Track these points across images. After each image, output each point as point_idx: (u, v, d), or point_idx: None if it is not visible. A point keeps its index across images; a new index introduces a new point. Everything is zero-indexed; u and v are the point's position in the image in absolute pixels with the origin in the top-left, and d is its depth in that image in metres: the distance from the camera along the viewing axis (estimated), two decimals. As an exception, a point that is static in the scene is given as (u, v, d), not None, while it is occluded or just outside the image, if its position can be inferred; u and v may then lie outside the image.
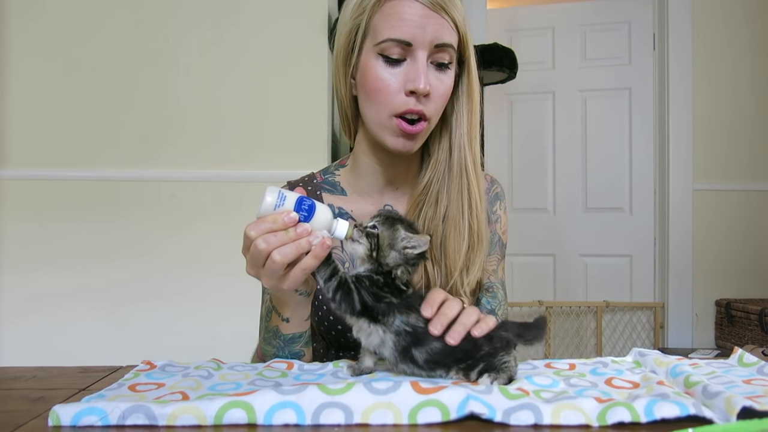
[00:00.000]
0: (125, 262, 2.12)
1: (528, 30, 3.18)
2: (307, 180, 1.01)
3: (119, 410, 0.53)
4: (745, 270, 2.78)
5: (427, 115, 0.85)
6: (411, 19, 0.81)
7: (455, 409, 0.54)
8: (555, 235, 3.15)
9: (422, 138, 0.89)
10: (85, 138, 2.12)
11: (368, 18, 0.85)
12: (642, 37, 3.01)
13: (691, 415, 0.52)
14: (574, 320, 2.99)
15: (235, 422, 0.53)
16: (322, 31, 2.16)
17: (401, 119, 0.84)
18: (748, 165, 2.78)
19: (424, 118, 0.85)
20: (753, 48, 2.77)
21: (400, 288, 0.69)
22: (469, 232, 0.91)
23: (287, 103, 2.15)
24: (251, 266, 0.71)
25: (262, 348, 0.86)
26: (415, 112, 0.84)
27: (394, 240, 0.68)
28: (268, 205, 0.68)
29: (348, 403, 0.54)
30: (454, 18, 0.83)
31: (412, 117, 0.84)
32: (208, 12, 2.15)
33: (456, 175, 0.91)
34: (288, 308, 0.80)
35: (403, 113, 0.84)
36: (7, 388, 0.70)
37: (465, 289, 0.90)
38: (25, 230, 2.10)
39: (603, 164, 3.10)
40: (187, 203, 2.14)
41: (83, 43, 2.13)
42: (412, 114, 0.84)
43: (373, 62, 0.84)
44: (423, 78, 0.82)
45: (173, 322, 2.10)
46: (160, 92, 2.14)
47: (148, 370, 0.73)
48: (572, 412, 0.54)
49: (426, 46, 0.82)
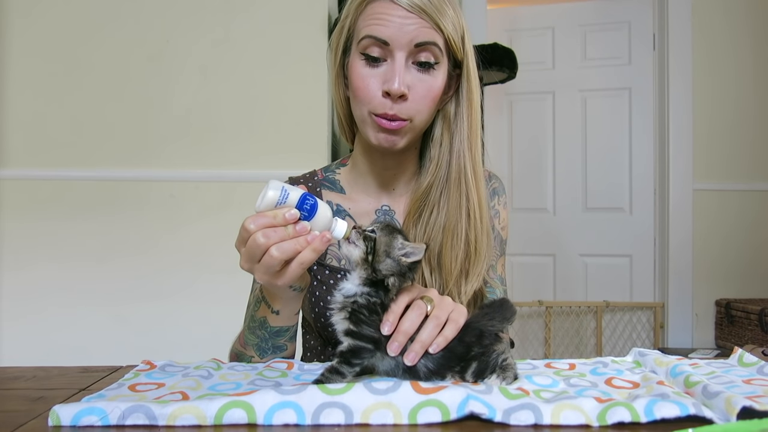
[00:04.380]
0: (125, 262, 2.12)
1: (528, 30, 3.18)
2: (309, 176, 1.01)
3: (119, 410, 0.53)
4: (745, 270, 2.78)
5: (404, 118, 0.85)
6: (390, 19, 0.82)
7: (455, 409, 0.54)
8: (555, 235, 3.15)
9: (407, 135, 0.88)
10: (85, 138, 2.12)
11: (353, 20, 0.87)
12: (642, 37, 3.01)
13: (691, 415, 0.52)
14: (574, 320, 2.99)
15: (235, 422, 0.53)
16: (322, 31, 2.16)
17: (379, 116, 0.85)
18: (748, 165, 2.78)
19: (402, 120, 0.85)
20: (753, 48, 2.77)
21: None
22: (466, 242, 0.90)
23: (287, 103, 2.15)
24: (246, 260, 0.70)
25: (245, 336, 0.85)
26: (390, 116, 0.84)
27: (390, 247, 0.67)
28: (270, 199, 0.67)
29: (348, 403, 0.54)
30: (436, 21, 0.83)
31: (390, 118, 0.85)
32: (208, 13, 2.15)
33: (454, 183, 0.91)
34: (279, 301, 0.80)
35: (379, 115, 0.85)
36: (7, 388, 0.70)
37: (461, 299, 0.89)
38: (25, 230, 2.10)
39: (603, 164, 3.10)
40: (187, 203, 2.14)
41: (83, 44, 2.13)
42: (388, 117, 0.85)
43: (357, 62, 0.86)
44: (398, 79, 0.82)
45: (173, 321, 2.10)
46: (160, 92, 2.14)
47: (148, 370, 0.73)
48: (572, 412, 0.54)
49: (404, 46, 0.83)
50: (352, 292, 0.67)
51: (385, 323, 0.66)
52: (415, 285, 0.71)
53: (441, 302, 0.69)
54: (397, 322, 0.66)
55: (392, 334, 0.65)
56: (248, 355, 0.85)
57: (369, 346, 0.65)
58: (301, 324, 1.00)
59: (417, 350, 0.65)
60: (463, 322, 0.68)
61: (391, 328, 0.65)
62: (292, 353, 0.86)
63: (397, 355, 0.65)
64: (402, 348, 0.65)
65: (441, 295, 0.71)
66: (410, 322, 0.66)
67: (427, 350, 0.65)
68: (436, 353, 0.65)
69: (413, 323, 0.66)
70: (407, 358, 0.65)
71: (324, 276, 0.93)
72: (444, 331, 0.66)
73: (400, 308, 0.67)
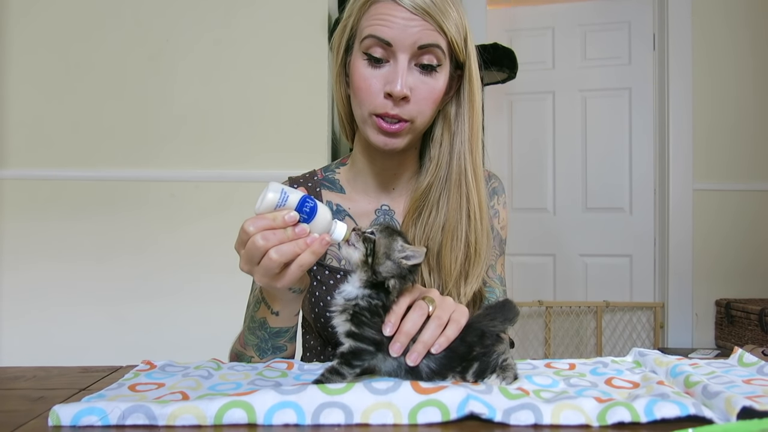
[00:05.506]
0: (125, 262, 2.12)
1: (528, 30, 3.18)
2: (308, 176, 1.01)
3: (119, 410, 0.53)
4: (745, 270, 2.78)
5: (406, 118, 0.85)
6: (393, 20, 0.82)
7: (455, 409, 0.54)
8: (555, 235, 3.15)
9: (408, 136, 0.88)
10: (85, 138, 2.12)
11: (356, 20, 0.87)
12: (642, 37, 3.01)
13: (691, 415, 0.52)
14: (574, 320, 2.99)
15: (235, 422, 0.53)
16: (322, 31, 2.16)
17: (379, 117, 0.85)
18: (748, 165, 2.78)
19: (404, 120, 0.85)
20: (753, 47, 2.77)
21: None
22: (466, 243, 0.90)
23: (287, 103, 2.15)
24: (245, 262, 0.70)
25: (245, 336, 0.86)
26: (392, 116, 0.85)
27: (390, 249, 0.67)
28: (269, 202, 0.67)
29: (348, 403, 0.54)
30: (440, 23, 0.83)
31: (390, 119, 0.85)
32: (208, 12, 2.15)
33: (455, 184, 0.91)
34: (279, 303, 0.80)
35: (381, 115, 0.85)
36: (7, 388, 0.69)
37: (461, 300, 0.89)
38: (25, 230, 2.10)
39: (603, 164, 3.10)
40: (187, 203, 2.14)
41: (83, 43, 2.13)
42: (389, 117, 0.85)
43: (359, 62, 0.86)
44: (400, 81, 0.82)
45: (173, 321, 2.10)
46: (160, 92, 2.14)
47: (148, 370, 0.73)
48: (572, 412, 0.54)
49: (407, 48, 0.83)
50: (353, 295, 0.67)
51: (387, 324, 0.66)
52: (417, 286, 0.71)
53: (442, 303, 0.69)
54: (398, 323, 0.66)
55: (394, 335, 0.65)
56: (248, 356, 0.85)
57: (370, 348, 0.65)
58: (301, 324, 1.00)
59: (419, 351, 0.65)
60: (465, 323, 0.68)
61: (392, 329, 0.65)
62: (292, 353, 0.86)
63: (399, 356, 0.65)
64: (404, 349, 0.65)
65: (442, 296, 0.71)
66: (412, 322, 0.66)
67: (429, 350, 0.65)
68: (438, 353, 0.65)
69: (415, 324, 0.66)
70: (410, 358, 0.65)
71: (324, 276, 0.93)
72: (446, 332, 0.66)
73: (401, 309, 0.67)
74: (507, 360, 0.67)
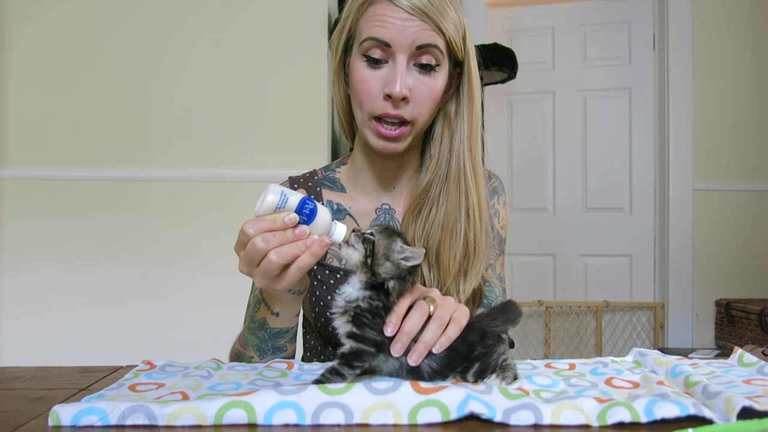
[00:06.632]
0: (125, 262, 2.12)
1: (528, 30, 3.18)
2: (309, 176, 1.01)
3: (119, 410, 0.53)
4: (745, 270, 2.78)
5: (407, 119, 0.85)
6: (391, 21, 0.82)
7: (455, 409, 0.54)
8: (555, 235, 3.15)
9: (408, 139, 0.88)
10: (85, 138, 2.12)
11: (354, 21, 0.88)
12: (642, 37, 3.01)
13: (691, 415, 0.52)
14: (574, 320, 2.99)
15: (235, 422, 0.53)
16: (322, 32, 2.16)
17: (379, 122, 0.86)
18: (748, 165, 2.78)
19: (405, 122, 0.86)
20: (753, 47, 2.77)
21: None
22: (465, 241, 0.90)
23: (287, 103, 2.15)
24: (245, 264, 0.70)
25: (245, 336, 0.86)
26: (392, 116, 0.85)
27: (389, 250, 0.67)
28: (269, 203, 0.67)
29: (348, 403, 0.54)
30: (438, 23, 0.83)
31: (391, 120, 0.85)
32: (208, 13, 2.15)
33: (453, 182, 0.91)
34: (279, 304, 0.80)
35: (381, 116, 0.85)
36: (7, 388, 0.69)
37: (460, 298, 0.89)
38: (25, 230, 2.10)
39: (603, 164, 3.10)
40: (187, 203, 2.14)
41: (83, 44, 2.12)
42: (390, 118, 0.85)
43: (358, 63, 0.86)
44: (399, 82, 0.82)
45: (173, 321, 2.10)
46: (161, 93, 2.14)
47: (148, 370, 0.73)
48: (572, 412, 0.54)
49: (406, 49, 0.83)
50: (354, 297, 0.67)
51: (388, 324, 0.66)
52: (417, 286, 0.71)
53: (444, 302, 0.69)
54: (400, 323, 0.66)
55: (395, 335, 0.65)
56: (248, 356, 0.85)
57: (371, 349, 0.65)
58: (302, 324, 1.00)
59: (420, 350, 0.65)
60: (466, 322, 0.68)
61: (394, 329, 0.65)
62: (292, 354, 0.86)
63: (400, 356, 0.65)
64: (405, 349, 0.65)
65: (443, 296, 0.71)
66: (413, 322, 0.66)
67: (430, 350, 0.65)
68: (439, 353, 0.65)
69: (416, 324, 0.66)
70: (411, 358, 0.65)
71: (324, 276, 0.93)
72: (447, 331, 0.66)
73: (402, 309, 0.67)
74: (507, 360, 0.67)
